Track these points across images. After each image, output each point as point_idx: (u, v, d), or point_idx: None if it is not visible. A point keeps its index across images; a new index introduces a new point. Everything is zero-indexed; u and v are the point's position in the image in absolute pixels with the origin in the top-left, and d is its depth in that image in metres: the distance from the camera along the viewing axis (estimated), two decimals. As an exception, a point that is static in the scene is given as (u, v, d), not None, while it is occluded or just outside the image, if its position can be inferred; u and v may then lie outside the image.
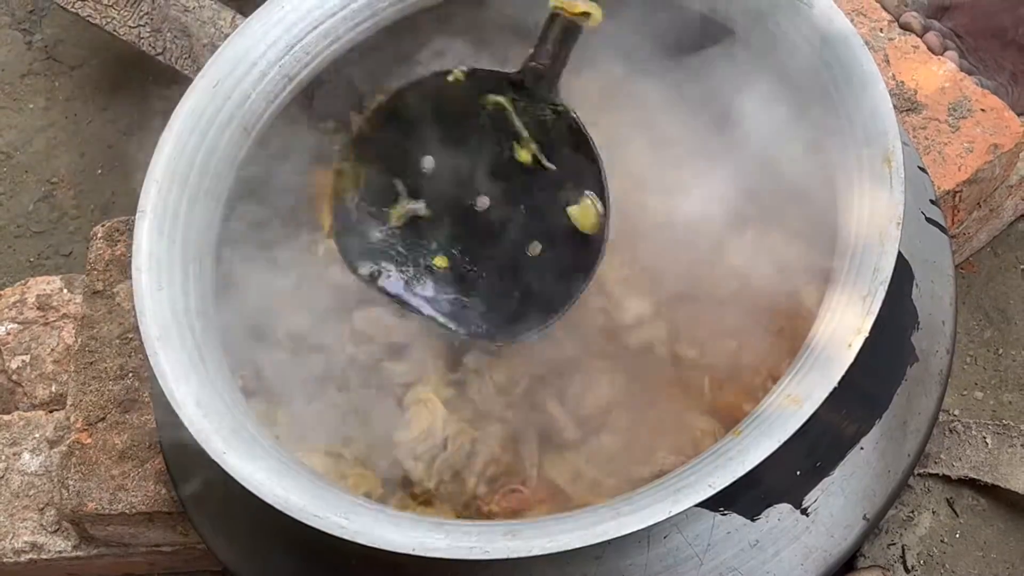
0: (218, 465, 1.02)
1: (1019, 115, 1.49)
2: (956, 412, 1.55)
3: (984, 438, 1.44)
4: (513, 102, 1.22)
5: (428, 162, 1.28)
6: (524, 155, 1.23)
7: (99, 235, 1.58)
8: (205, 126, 1.23)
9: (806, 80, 1.17)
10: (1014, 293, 1.66)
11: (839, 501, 1.08)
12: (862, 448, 1.09)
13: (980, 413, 1.56)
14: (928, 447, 1.42)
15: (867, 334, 0.99)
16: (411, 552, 0.95)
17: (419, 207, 1.29)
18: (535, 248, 1.23)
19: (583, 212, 1.19)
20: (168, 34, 1.83)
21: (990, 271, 1.68)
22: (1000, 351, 1.62)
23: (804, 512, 1.06)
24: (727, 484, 0.94)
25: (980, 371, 1.60)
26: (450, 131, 1.26)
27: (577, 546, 0.93)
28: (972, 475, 1.43)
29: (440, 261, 1.28)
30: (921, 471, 1.44)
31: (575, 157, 1.20)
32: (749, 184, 1.22)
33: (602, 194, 1.18)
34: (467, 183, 1.26)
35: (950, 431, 1.45)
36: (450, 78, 1.24)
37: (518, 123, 1.22)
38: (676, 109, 1.30)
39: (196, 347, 1.12)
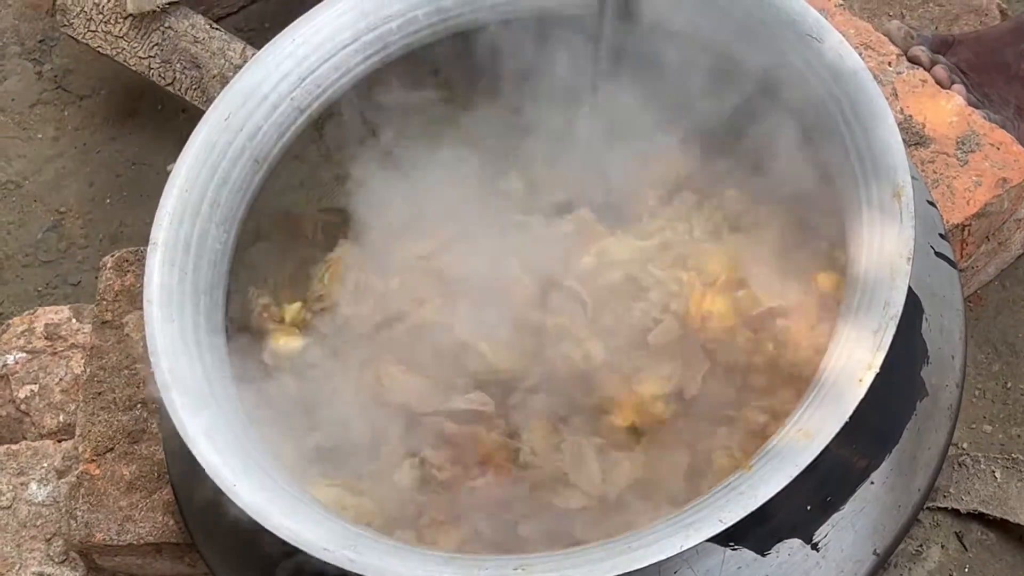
0: (227, 497, 1.03)
1: (1026, 149, 1.49)
2: (965, 445, 1.55)
3: (993, 472, 1.44)
4: None
5: None
6: None
7: (108, 265, 1.58)
8: (217, 158, 1.24)
9: (816, 115, 1.18)
10: (1023, 327, 1.66)
11: (849, 536, 1.08)
12: (872, 483, 1.09)
13: (989, 447, 1.56)
14: (937, 481, 1.42)
15: (878, 369, 0.99)
16: (421, 586, 0.95)
17: None
18: None
19: None
20: (178, 65, 1.84)
21: (998, 304, 1.68)
22: (1009, 384, 1.61)
23: (814, 547, 1.06)
24: (738, 519, 0.94)
25: (989, 404, 1.60)
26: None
27: (588, 581, 0.93)
28: (981, 509, 1.43)
29: None
30: (930, 505, 1.44)
31: None
32: (760, 220, 1.23)
33: None
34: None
35: (959, 465, 1.45)
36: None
37: None
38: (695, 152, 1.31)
39: (206, 379, 1.12)
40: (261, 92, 1.27)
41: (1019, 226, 1.60)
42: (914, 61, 1.56)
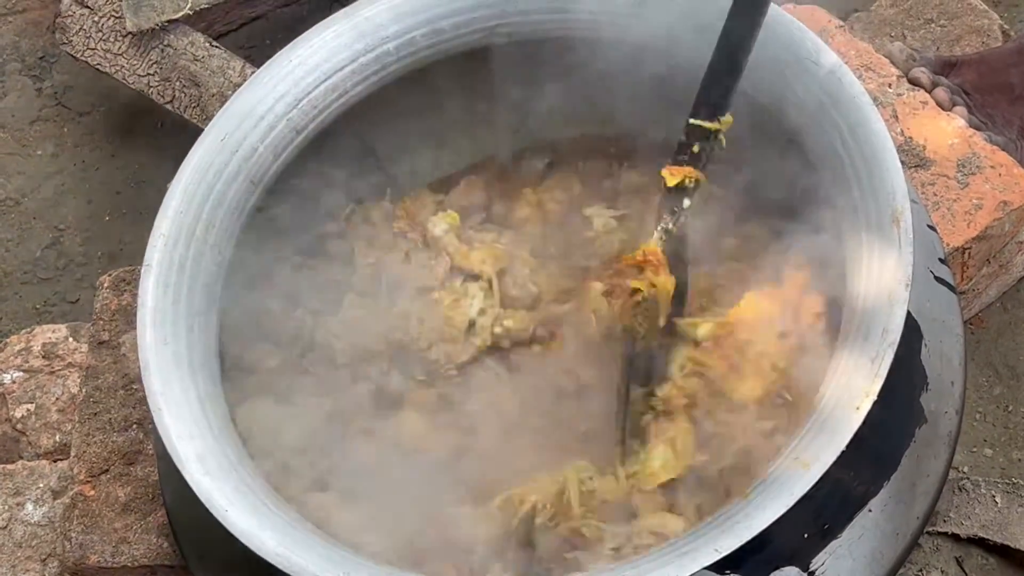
0: (220, 521, 1.02)
1: (1029, 171, 1.49)
2: (965, 469, 1.54)
3: (994, 496, 1.43)
4: None
5: None
6: None
7: (105, 285, 1.58)
8: (212, 179, 1.23)
9: (814, 139, 1.17)
10: (1023, 350, 1.65)
11: (847, 564, 1.07)
12: (870, 510, 1.08)
13: (989, 471, 1.55)
14: (937, 505, 1.41)
15: (875, 397, 0.98)
16: (415, 614, 0.95)
17: None
18: None
19: None
20: (177, 83, 1.84)
21: (1000, 327, 1.67)
22: (1010, 408, 1.60)
23: (811, 575, 1.05)
24: (733, 548, 0.94)
25: (989, 428, 1.59)
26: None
27: (582, 610, 0.92)
28: (981, 534, 1.42)
29: None
30: (930, 529, 1.43)
31: None
32: (757, 245, 1.22)
33: None
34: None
35: (959, 489, 1.44)
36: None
37: None
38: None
39: (199, 402, 1.11)
40: (257, 113, 1.27)
41: (1020, 248, 1.59)
42: (915, 83, 1.55)
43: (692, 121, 1.17)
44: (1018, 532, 1.41)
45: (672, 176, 1.19)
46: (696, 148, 1.18)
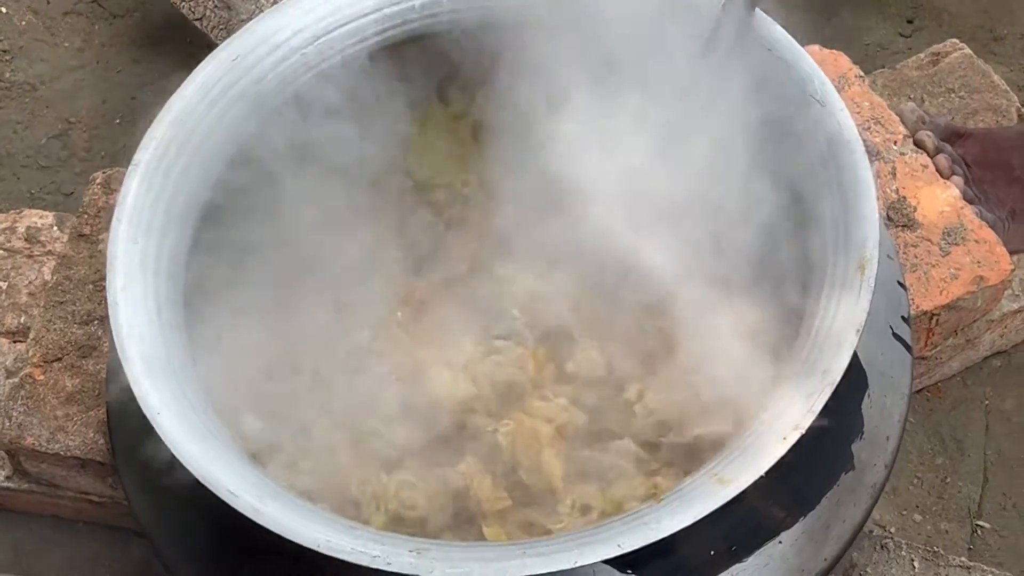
0: (152, 427, 1.03)
1: (1011, 253, 1.50)
2: (892, 530, 1.56)
3: (912, 560, 1.44)
4: None
5: None
6: None
7: (97, 180, 1.60)
8: (216, 96, 1.25)
9: (804, 174, 1.19)
10: (973, 427, 1.66)
11: (747, 589, 1.09)
12: (780, 542, 1.10)
13: (915, 536, 1.56)
14: (857, 557, 1.43)
15: (804, 431, 1.00)
16: (315, 548, 0.96)
17: None
18: None
19: None
20: (210, 2, 1.86)
21: (955, 400, 1.69)
22: (948, 480, 1.62)
23: (710, 592, 1.07)
24: (636, 547, 0.95)
25: (924, 495, 1.61)
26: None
27: (476, 576, 0.94)
28: (893, 595, 1.44)
29: None
30: (845, 580, 1.44)
31: None
32: (726, 268, 1.24)
33: None
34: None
35: (881, 547, 1.45)
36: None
37: None
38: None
39: (157, 307, 1.12)
40: (273, 41, 1.28)
41: (990, 327, 1.60)
42: (919, 145, 1.57)
43: None
44: (928, 600, 1.43)
45: None
46: None
